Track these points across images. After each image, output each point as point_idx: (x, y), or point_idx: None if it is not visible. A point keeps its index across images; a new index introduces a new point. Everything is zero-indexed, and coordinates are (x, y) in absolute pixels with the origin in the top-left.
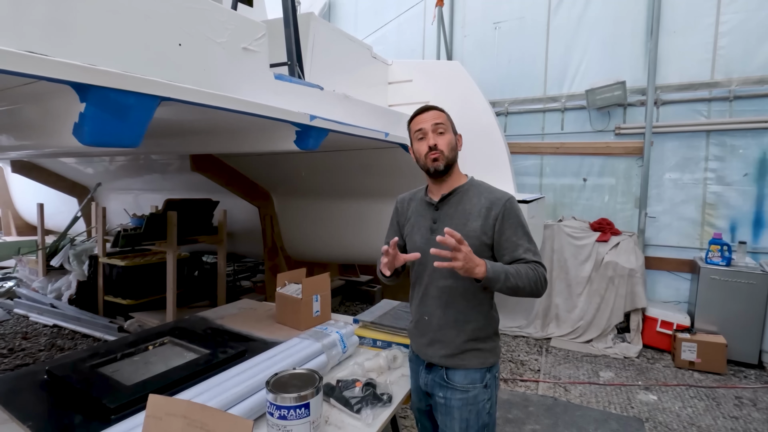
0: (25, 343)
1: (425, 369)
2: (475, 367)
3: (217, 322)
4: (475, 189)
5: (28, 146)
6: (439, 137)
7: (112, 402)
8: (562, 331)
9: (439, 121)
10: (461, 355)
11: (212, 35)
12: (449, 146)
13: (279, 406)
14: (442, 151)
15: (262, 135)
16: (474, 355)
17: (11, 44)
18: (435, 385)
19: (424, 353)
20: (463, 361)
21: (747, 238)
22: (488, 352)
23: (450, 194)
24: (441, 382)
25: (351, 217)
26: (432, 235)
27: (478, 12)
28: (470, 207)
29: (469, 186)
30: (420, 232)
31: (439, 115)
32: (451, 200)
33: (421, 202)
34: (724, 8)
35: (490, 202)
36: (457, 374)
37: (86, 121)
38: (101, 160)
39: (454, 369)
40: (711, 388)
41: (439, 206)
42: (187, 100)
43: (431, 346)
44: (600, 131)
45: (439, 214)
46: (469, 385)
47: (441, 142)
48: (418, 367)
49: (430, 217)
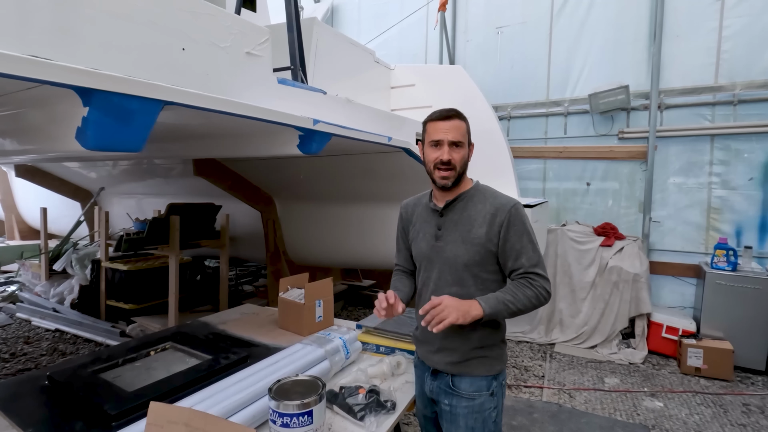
0: (27, 348)
1: (431, 375)
2: (481, 374)
3: (220, 327)
4: (480, 194)
5: (32, 150)
6: (455, 152)
7: (113, 409)
8: (566, 336)
9: (457, 138)
10: (467, 362)
11: (216, 40)
12: (462, 162)
13: (281, 413)
14: (455, 166)
15: (265, 139)
16: (480, 362)
17: (17, 49)
18: (440, 392)
19: (430, 360)
20: (469, 369)
21: (753, 242)
22: (495, 360)
23: (455, 200)
24: (446, 389)
25: (353, 222)
26: (437, 243)
27: (480, 17)
28: (475, 213)
29: (474, 191)
30: (425, 239)
31: (458, 128)
32: (456, 206)
33: (425, 208)
34: (727, 12)
35: (495, 208)
36: (463, 381)
37: (89, 125)
38: (104, 165)
39: (460, 376)
40: (718, 394)
41: (443, 212)
42: (190, 104)
43: (438, 353)
44: (603, 135)
45: (443, 221)
46: (475, 393)
47: (456, 158)
48: (423, 374)
49: (434, 223)
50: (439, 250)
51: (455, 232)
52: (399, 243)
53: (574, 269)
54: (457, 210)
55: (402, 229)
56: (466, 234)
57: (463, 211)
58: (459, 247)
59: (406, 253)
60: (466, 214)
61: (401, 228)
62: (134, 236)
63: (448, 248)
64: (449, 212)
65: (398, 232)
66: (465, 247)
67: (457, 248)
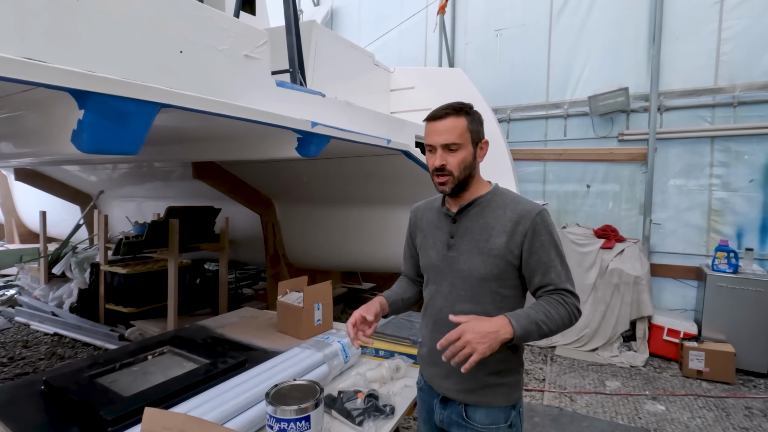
0: (26, 352)
1: (440, 403)
2: (498, 405)
3: (218, 331)
4: (499, 199)
5: (29, 154)
6: (450, 156)
7: (109, 414)
8: (567, 339)
9: (450, 140)
10: (482, 391)
11: (214, 42)
12: (461, 166)
13: (279, 418)
14: (451, 172)
15: (263, 142)
16: (497, 391)
17: (15, 51)
18: (452, 423)
19: (439, 386)
20: (485, 398)
21: (754, 244)
22: (513, 387)
23: (469, 205)
24: (459, 420)
25: (353, 225)
26: (449, 252)
27: (479, 19)
28: (493, 220)
29: (492, 196)
30: (435, 248)
31: (453, 129)
32: (471, 212)
33: (437, 213)
34: (726, 14)
35: (517, 215)
36: (478, 412)
37: (85, 128)
38: (104, 168)
39: (475, 406)
40: (720, 398)
41: (457, 218)
42: (187, 107)
43: (447, 378)
44: (603, 137)
45: (456, 228)
46: (492, 426)
47: (451, 163)
48: (432, 400)
49: (447, 230)
50: (451, 260)
51: (470, 242)
52: (405, 251)
53: (574, 272)
54: (472, 216)
55: (409, 235)
56: (483, 244)
57: (479, 217)
58: (474, 259)
59: (411, 261)
60: (483, 221)
61: (409, 233)
62: (133, 239)
63: (461, 259)
64: (463, 218)
65: (406, 238)
66: (481, 259)
67: (473, 260)
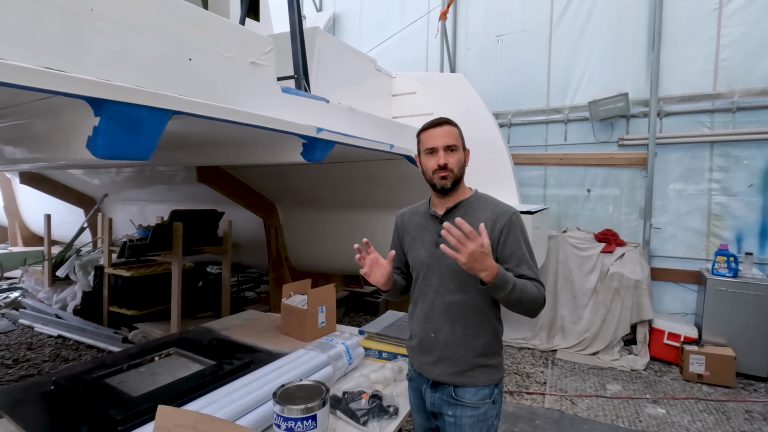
0: (30, 354)
1: (431, 388)
2: (484, 384)
3: (223, 333)
4: (480, 202)
5: (41, 159)
6: (450, 156)
7: (119, 413)
8: (568, 342)
9: (451, 142)
10: (470, 372)
11: (221, 50)
12: (459, 165)
13: (286, 417)
14: (452, 170)
15: (269, 147)
16: (483, 371)
17: (28, 60)
18: (443, 403)
19: (430, 372)
20: (473, 379)
21: (753, 249)
22: (496, 368)
23: (455, 207)
24: (449, 399)
25: (356, 229)
26: (437, 250)
27: (480, 25)
28: (476, 220)
29: (474, 199)
30: (424, 247)
31: (451, 133)
32: (456, 213)
33: (424, 216)
34: (725, 20)
35: (495, 215)
36: (467, 392)
37: (100, 134)
38: (108, 172)
39: (463, 387)
40: (720, 401)
41: (444, 219)
42: (197, 113)
43: (438, 364)
44: (603, 142)
45: None
46: (480, 402)
47: (452, 162)
48: (421, 386)
49: (434, 230)
50: (440, 257)
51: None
52: (391, 249)
53: (575, 276)
54: (457, 217)
55: (397, 237)
56: None
57: (464, 217)
58: None
59: (397, 256)
60: (467, 220)
61: (396, 236)
62: (137, 243)
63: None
64: (449, 219)
65: (392, 242)
66: None
67: None
